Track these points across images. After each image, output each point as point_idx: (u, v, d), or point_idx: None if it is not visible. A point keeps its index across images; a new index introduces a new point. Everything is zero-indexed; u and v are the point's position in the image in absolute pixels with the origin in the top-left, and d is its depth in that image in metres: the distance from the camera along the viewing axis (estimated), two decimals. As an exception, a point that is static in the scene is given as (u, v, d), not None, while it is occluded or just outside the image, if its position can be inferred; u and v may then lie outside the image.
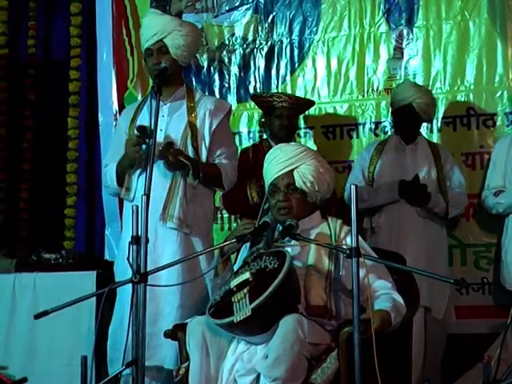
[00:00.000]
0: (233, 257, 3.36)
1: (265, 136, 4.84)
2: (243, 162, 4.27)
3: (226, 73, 5.27)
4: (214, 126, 3.75)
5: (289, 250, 3.05)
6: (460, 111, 4.79)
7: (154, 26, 3.73)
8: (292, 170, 3.20)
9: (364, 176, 4.54)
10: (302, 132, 4.96)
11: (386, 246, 4.21)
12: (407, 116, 4.50)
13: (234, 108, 4.60)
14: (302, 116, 4.90)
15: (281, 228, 3.17)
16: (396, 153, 4.54)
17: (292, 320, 2.83)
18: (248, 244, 3.23)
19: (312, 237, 3.16)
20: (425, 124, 4.69)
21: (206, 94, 4.80)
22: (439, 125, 4.82)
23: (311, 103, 4.81)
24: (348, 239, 3.06)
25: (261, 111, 4.88)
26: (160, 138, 3.65)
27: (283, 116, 4.57)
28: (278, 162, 3.22)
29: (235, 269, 3.19)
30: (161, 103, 3.69)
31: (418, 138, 4.56)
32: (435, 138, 4.81)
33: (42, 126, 5.73)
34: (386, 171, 4.50)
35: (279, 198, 3.18)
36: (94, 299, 3.78)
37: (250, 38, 5.23)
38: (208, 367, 2.94)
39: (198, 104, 3.79)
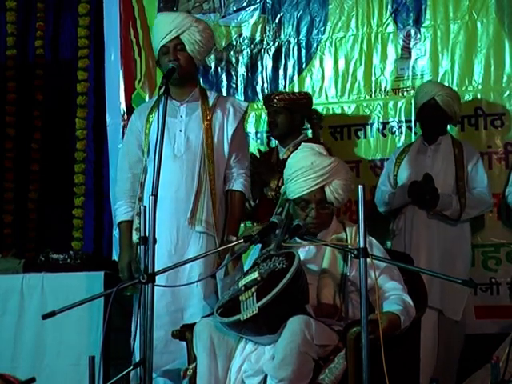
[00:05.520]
0: (243, 256, 3.37)
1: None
2: (267, 159, 4.32)
3: (233, 73, 5.26)
4: (233, 128, 3.71)
5: (303, 252, 3.05)
6: (468, 111, 4.76)
7: (169, 24, 3.66)
8: (324, 186, 3.18)
9: (389, 179, 4.55)
10: (309, 132, 4.94)
11: (403, 249, 4.21)
12: (431, 111, 4.44)
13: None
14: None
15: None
16: (417, 154, 4.50)
17: (299, 321, 2.83)
18: (259, 246, 3.24)
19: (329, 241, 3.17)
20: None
21: (220, 93, 4.76)
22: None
23: (305, 98, 4.57)
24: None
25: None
26: (180, 138, 3.65)
27: (270, 114, 4.51)
28: (309, 176, 3.17)
29: (245, 270, 3.20)
30: (177, 103, 3.69)
31: (442, 137, 4.49)
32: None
33: (50, 127, 5.74)
34: (406, 173, 4.47)
35: (311, 214, 3.18)
36: (101, 299, 3.79)
37: (258, 38, 5.22)
38: (216, 369, 2.94)
39: (215, 106, 3.73)
